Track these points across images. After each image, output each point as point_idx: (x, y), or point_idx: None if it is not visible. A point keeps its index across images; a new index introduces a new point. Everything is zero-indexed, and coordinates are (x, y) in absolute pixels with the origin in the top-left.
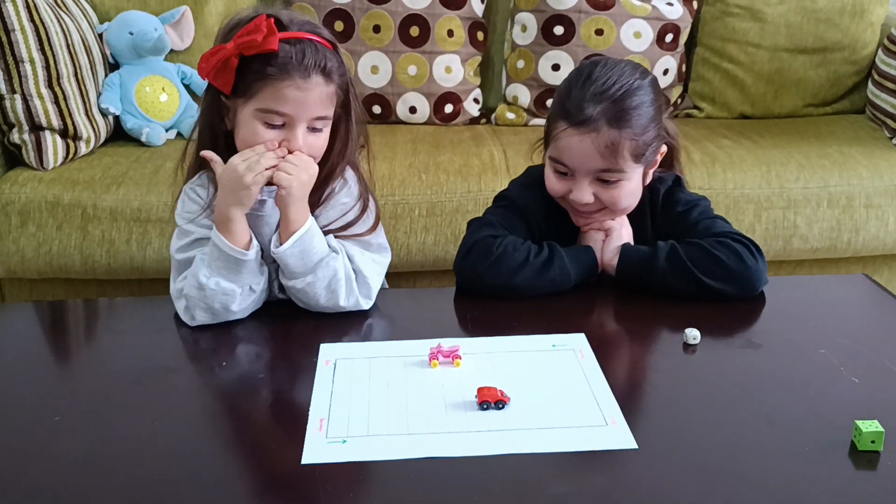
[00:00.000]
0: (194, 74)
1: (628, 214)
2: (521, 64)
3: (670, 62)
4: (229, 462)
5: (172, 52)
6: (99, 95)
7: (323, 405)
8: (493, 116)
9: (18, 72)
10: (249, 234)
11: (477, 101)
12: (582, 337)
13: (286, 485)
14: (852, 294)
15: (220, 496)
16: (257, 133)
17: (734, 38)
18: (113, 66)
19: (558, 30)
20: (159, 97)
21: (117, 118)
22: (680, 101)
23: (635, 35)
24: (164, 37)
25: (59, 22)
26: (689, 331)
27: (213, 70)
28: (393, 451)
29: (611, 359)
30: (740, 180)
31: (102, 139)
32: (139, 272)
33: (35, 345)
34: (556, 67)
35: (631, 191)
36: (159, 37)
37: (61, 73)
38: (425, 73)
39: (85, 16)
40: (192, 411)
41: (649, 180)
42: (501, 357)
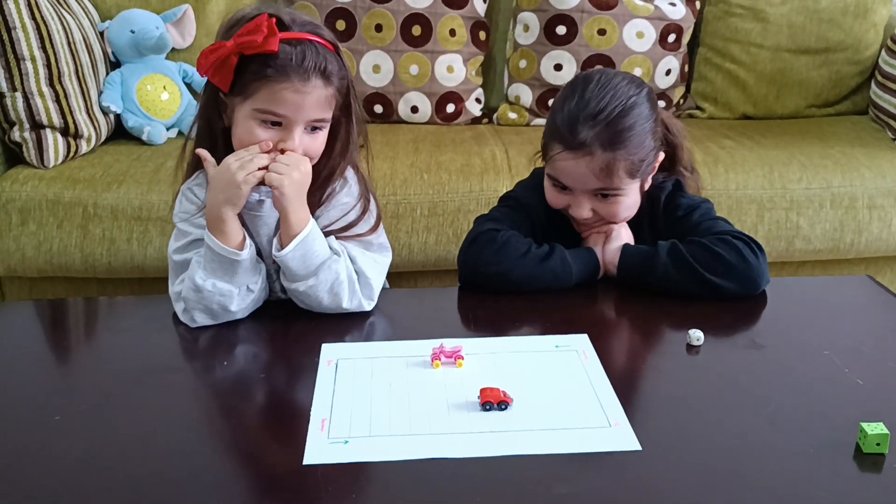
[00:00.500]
0: (196, 73)
1: (629, 224)
2: (523, 64)
3: (673, 62)
4: (230, 462)
5: (174, 50)
6: (100, 94)
7: (325, 405)
8: (494, 116)
9: (19, 69)
10: (243, 234)
11: (479, 100)
12: (585, 338)
13: (287, 485)
14: (856, 295)
15: (221, 496)
16: (253, 132)
17: (737, 38)
18: (114, 64)
19: (561, 29)
20: (160, 96)
21: (118, 116)
22: (682, 101)
23: (638, 35)
24: (166, 35)
25: (60, 20)
26: (693, 332)
27: (212, 67)
28: (395, 451)
29: (614, 360)
30: (742, 181)
31: (103, 137)
32: (140, 271)
33: (35, 344)
34: (558, 67)
35: (629, 204)
36: (161, 35)
37: (62, 72)
38: (427, 72)
39: (86, 14)
40: (193, 411)
41: (648, 186)
42: (504, 357)
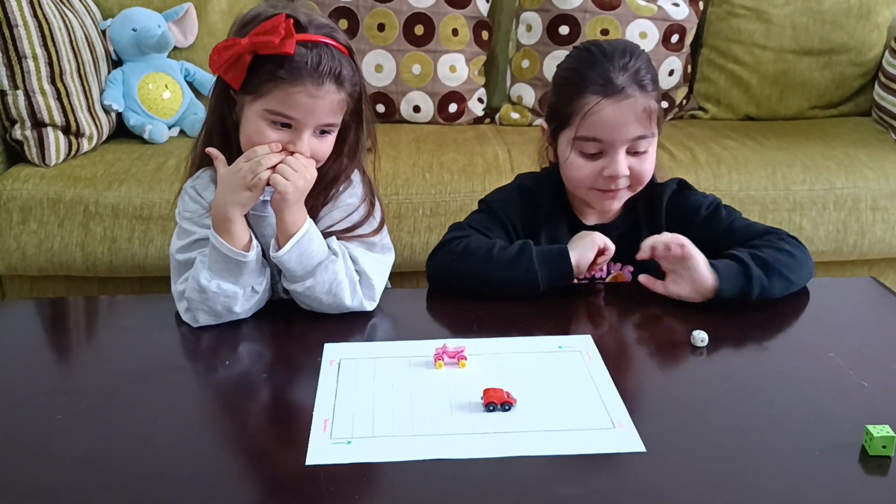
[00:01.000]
0: (198, 72)
1: (626, 226)
2: (525, 63)
3: (676, 63)
4: (232, 462)
5: (176, 49)
6: (102, 92)
7: (327, 406)
8: (497, 116)
9: (21, 68)
10: (249, 235)
11: (481, 100)
12: (588, 339)
13: (290, 485)
14: (860, 297)
15: (223, 496)
16: (263, 132)
17: (740, 39)
18: (116, 62)
19: (563, 29)
20: (162, 94)
21: (120, 115)
22: (685, 101)
23: (641, 35)
24: (168, 34)
25: (62, 18)
26: (697, 333)
27: (225, 64)
28: (398, 452)
29: (617, 361)
30: (745, 182)
31: (105, 136)
32: (141, 270)
33: (36, 342)
34: None
35: (653, 160)
36: (162, 34)
37: (64, 70)
38: (430, 72)
39: (88, 12)
40: (195, 410)
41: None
42: (507, 358)
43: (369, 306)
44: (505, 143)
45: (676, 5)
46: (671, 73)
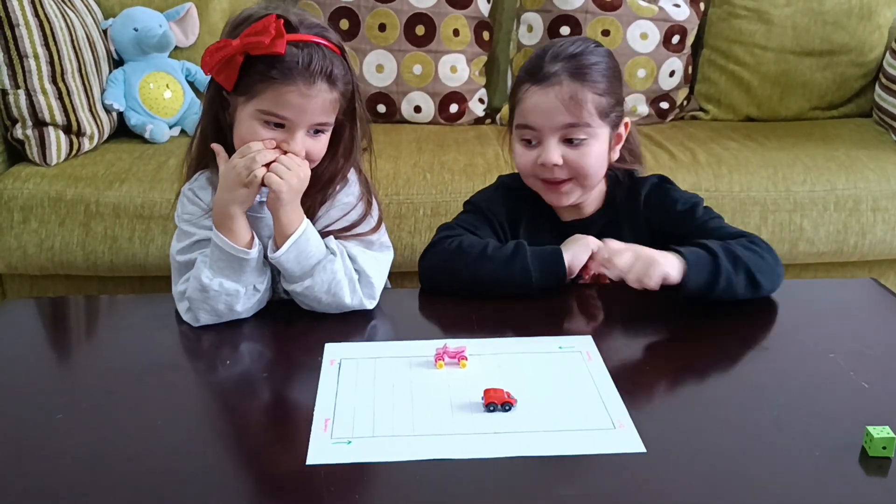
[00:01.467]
0: (199, 71)
1: (603, 221)
2: None
3: (676, 64)
4: (233, 462)
5: (177, 48)
6: (103, 91)
7: (328, 405)
8: (498, 117)
9: (23, 67)
10: (251, 233)
11: (482, 101)
12: (589, 339)
13: (291, 485)
14: (861, 298)
15: (224, 496)
16: (256, 133)
17: (741, 39)
18: (117, 62)
19: (564, 30)
20: (163, 94)
21: (121, 114)
22: (686, 102)
23: (642, 36)
24: (169, 33)
25: (63, 17)
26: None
27: (217, 66)
28: (398, 452)
29: (618, 361)
30: (746, 183)
31: (106, 135)
32: (142, 269)
33: (36, 342)
34: None
35: (598, 154)
36: (164, 33)
37: (65, 69)
38: (430, 72)
39: (89, 11)
40: (195, 410)
41: (616, 157)
42: (508, 359)
43: (369, 304)
44: (506, 144)
45: (677, 6)
46: (672, 73)
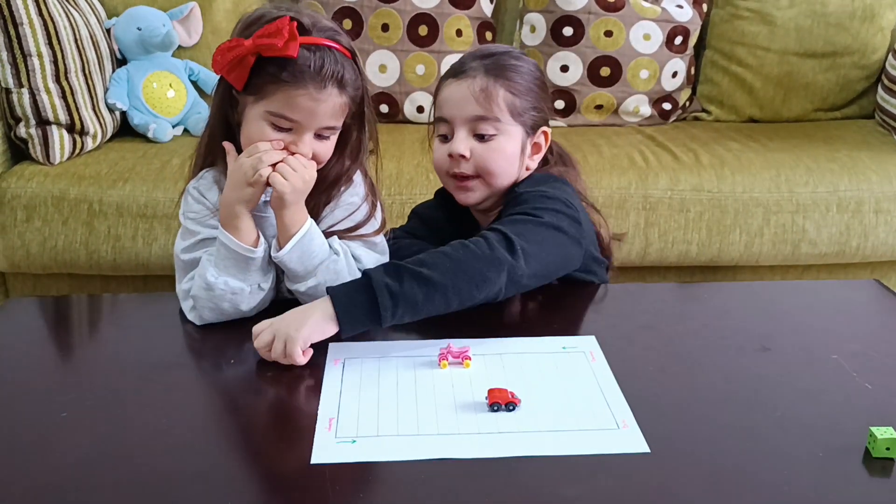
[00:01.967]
0: (202, 71)
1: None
2: None
3: (679, 65)
4: (237, 460)
5: (180, 48)
6: (106, 91)
7: (332, 405)
8: None
9: (26, 66)
10: (257, 232)
11: None
12: (592, 339)
13: (295, 484)
14: (863, 299)
15: (228, 494)
16: (264, 133)
17: (743, 41)
18: (120, 61)
19: (567, 31)
20: (166, 93)
21: (124, 114)
22: (688, 103)
23: (644, 37)
24: (172, 33)
25: (67, 16)
26: None
27: (228, 65)
28: (403, 451)
29: (621, 361)
30: (749, 184)
31: (109, 134)
32: (145, 268)
33: (40, 340)
34: (564, 69)
35: (506, 153)
36: (167, 33)
37: (69, 68)
38: (433, 72)
39: (93, 10)
40: (200, 409)
41: (533, 165)
42: (511, 359)
43: None
44: None
45: (680, 7)
46: (674, 74)
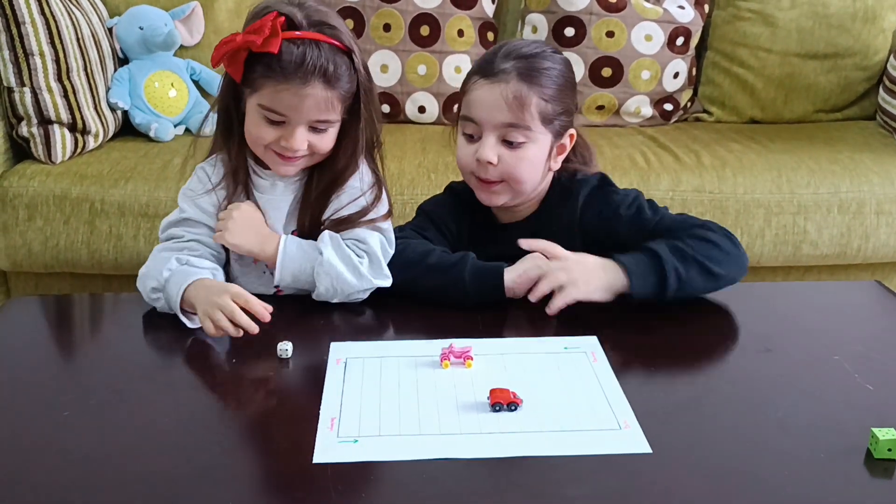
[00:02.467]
0: (204, 70)
1: (542, 230)
2: None
3: (681, 65)
4: (239, 460)
5: (182, 47)
6: (108, 90)
7: (334, 404)
8: None
9: (28, 65)
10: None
11: None
12: (594, 339)
13: (297, 484)
14: (865, 300)
15: (230, 494)
16: (260, 126)
17: (745, 42)
18: (122, 60)
19: (569, 31)
20: (168, 93)
21: (126, 113)
22: (689, 104)
23: (646, 38)
24: (174, 32)
25: (69, 15)
26: (282, 344)
27: (224, 59)
28: (405, 451)
29: (623, 362)
30: (750, 185)
31: (111, 134)
32: None
33: (41, 339)
34: None
35: (534, 160)
36: (169, 32)
37: (71, 67)
38: (435, 72)
39: (95, 10)
40: (201, 408)
41: (556, 166)
42: (513, 359)
43: (384, 283)
44: None
45: (682, 8)
46: (676, 75)
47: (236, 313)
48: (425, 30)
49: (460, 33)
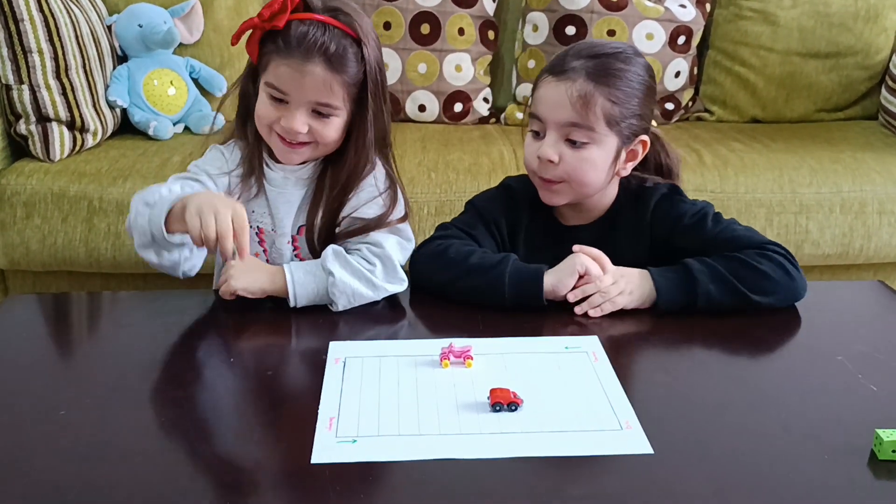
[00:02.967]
0: (203, 68)
1: (605, 226)
2: (531, 64)
3: (682, 65)
4: (237, 459)
5: (181, 45)
6: (107, 88)
7: (332, 404)
8: (502, 116)
9: (27, 62)
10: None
11: (486, 100)
12: (595, 339)
13: (295, 484)
14: (868, 300)
15: (229, 493)
16: (265, 104)
17: (747, 41)
18: (121, 58)
19: (570, 30)
20: (167, 91)
21: (125, 111)
22: (691, 103)
23: (647, 37)
24: (174, 30)
25: (68, 13)
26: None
27: (239, 37)
28: (404, 451)
29: (624, 362)
30: (752, 184)
31: (109, 132)
32: (144, 266)
33: (39, 338)
34: None
35: (596, 163)
36: (168, 30)
37: (69, 65)
38: (435, 71)
39: (94, 7)
40: (200, 407)
41: (625, 173)
42: (514, 358)
43: (398, 288)
44: (510, 143)
45: (683, 7)
46: (677, 74)
47: (227, 238)
48: (426, 28)
49: (461, 31)
